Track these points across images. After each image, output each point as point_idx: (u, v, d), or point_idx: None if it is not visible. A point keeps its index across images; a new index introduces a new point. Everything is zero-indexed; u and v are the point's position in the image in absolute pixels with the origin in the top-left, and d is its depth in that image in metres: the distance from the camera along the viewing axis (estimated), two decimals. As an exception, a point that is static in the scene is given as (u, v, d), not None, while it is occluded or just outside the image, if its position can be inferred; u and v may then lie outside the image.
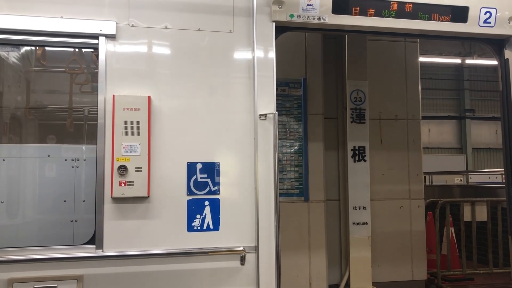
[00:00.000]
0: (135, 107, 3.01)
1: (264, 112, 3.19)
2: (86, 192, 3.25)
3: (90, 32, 3.05)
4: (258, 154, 3.16)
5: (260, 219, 3.11)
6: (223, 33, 3.25)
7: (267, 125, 3.19)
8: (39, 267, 2.85)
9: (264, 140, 3.18)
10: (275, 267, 3.09)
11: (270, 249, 3.10)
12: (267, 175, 3.15)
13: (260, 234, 3.10)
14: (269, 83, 3.23)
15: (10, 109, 4.01)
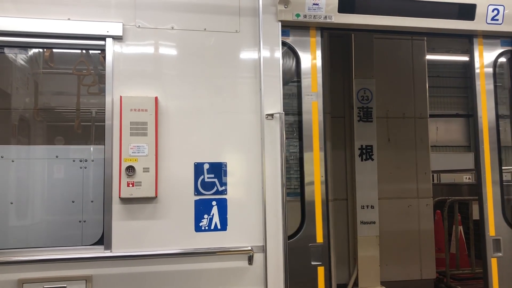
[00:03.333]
0: (142, 108, 3.02)
1: (270, 112, 3.19)
2: (95, 192, 3.27)
3: (97, 33, 3.07)
4: (265, 153, 3.16)
5: (267, 219, 3.11)
6: (229, 34, 3.25)
7: (273, 125, 3.19)
8: (48, 268, 2.87)
9: (271, 139, 3.18)
10: (283, 267, 3.08)
11: (278, 249, 3.10)
12: (274, 174, 3.15)
13: (268, 234, 3.10)
14: (276, 82, 3.23)
15: (18, 110, 4.05)
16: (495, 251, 3.42)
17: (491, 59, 3.66)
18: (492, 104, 3.58)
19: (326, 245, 3.24)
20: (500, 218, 3.48)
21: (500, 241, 3.43)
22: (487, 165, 3.49)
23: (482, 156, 3.50)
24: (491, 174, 3.50)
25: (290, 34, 3.39)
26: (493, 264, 3.41)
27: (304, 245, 3.23)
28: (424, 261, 5.74)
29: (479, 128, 3.54)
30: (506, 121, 3.89)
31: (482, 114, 3.55)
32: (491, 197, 3.47)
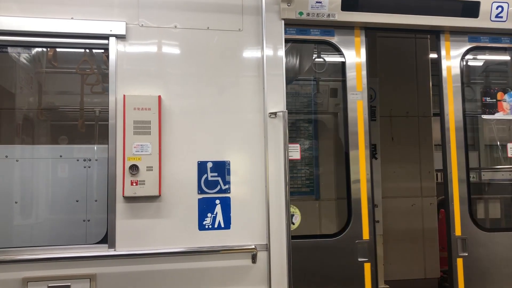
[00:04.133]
0: (145, 107, 3.03)
1: (274, 110, 3.19)
2: (98, 191, 3.27)
3: (100, 32, 3.08)
4: (268, 152, 3.16)
5: (271, 218, 3.11)
6: (232, 32, 3.25)
7: (277, 123, 3.19)
8: (53, 266, 2.88)
9: (274, 138, 3.17)
10: (286, 265, 3.08)
11: (282, 247, 3.09)
12: (278, 173, 3.15)
13: (271, 232, 3.10)
14: (279, 81, 3.23)
15: (22, 110, 4.06)
16: (461, 251, 3.39)
17: (458, 56, 3.61)
18: (459, 102, 3.54)
19: (372, 242, 3.28)
20: (467, 217, 3.44)
21: (466, 240, 3.40)
22: (454, 164, 3.46)
23: (448, 155, 3.46)
24: (458, 173, 3.46)
25: (335, 34, 3.43)
26: (459, 264, 3.38)
27: (351, 242, 3.26)
28: (428, 260, 5.72)
29: (446, 127, 3.50)
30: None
31: (449, 112, 3.51)
32: (458, 196, 3.44)
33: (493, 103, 3.70)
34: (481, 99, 3.72)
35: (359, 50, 3.46)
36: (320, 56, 3.89)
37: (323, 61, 3.87)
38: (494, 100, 3.70)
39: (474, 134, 4.73)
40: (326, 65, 3.85)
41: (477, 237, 3.41)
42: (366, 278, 3.26)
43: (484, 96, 3.70)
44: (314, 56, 3.94)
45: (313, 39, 3.47)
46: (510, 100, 3.69)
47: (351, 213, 3.32)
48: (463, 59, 3.61)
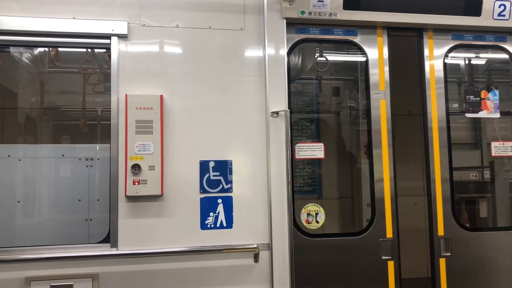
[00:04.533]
0: (147, 106, 3.03)
1: (276, 110, 3.18)
2: (101, 191, 3.28)
3: (102, 32, 3.08)
4: (270, 151, 3.15)
5: (273, 217, 3.11)
6: (234, 31, 3.25)
7: (279, 123, 3.18)
8: (55, 266, 2.88)
9: (276, 137, 3.17)
10: (289, 264, 3.08)
11: (284, 247, 3.09)
12: (280, 172, 3.14)
13: (274, 232, 3.10)
14: (281, 80, 3.22)
15: (25, 110, 4.07)
16: (444, 250, 3.38)
17: (442, 53, 3.59)
18: (442, 101, 3.52)
19: (395, 240, 3.29)
20: (450, 217, 3.42)
21: (449, 240, 3.38)
22: (437, 164, 3.44)
23: (431, 154, 3.44)
24: (441, 173, 3.44)
25: (357, 33, 3.45)
26: (442, 264, 3.37)
27: (374, 240, 3.27)
28: (431, 259, 5.71)
29: (428, 126, 3.48)
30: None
31: (432, 110, 3.50)
32: (440, 195, 3.42)
33: (477, 102, 3.68)
34: (465, 97, 3.70)
35: (381, 49, 3.48)
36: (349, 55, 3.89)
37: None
38: (478, 98, 3.69)
39: (476, 133, 4.71)
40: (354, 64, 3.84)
41: (461, 237, 3.40)
42: (389, 276, 3.28)
43: (468, 95, 3.69)
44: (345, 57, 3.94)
45: (336, 39, 3.48)
46: (494, 99, 3.67)
47: (374, 211, 3.33)
48: (446, 57, 3.59)
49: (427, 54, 3.54)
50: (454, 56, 3.73)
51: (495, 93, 3.67)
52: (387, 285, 3.27)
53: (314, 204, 3.30)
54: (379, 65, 3.47)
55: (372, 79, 3.45)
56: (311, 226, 3.27)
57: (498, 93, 3.67)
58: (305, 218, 3.26)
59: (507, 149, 3.63)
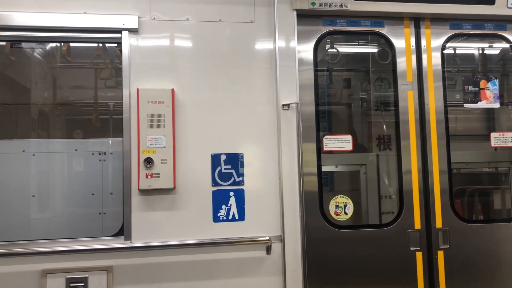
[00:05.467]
0: (159, 100, 3.04)
1: (286, 102, 3.18)
2: (114, 185, 3.31)
3: (113, 26, 3.09)
4: (281, 144, 3.15)
5: (285, 209, 3.12)
6: (244, 24, 3.24)
7: (290, 115, 3.18)
8: (70, 258, 2.92)
9: (287, 130, 3.17)
10: (301, 256, 3.09)
11: (296, 239, 3.10)
12: (291, 165, 3.14)
13: (286, 224, 3.11)
14: (292, 72, 3.21)
15: (37, 105, 4.11)
16: (442, 243, 3.35)
17: (439, 44, 3.53)
18: (440, 92, 3.47)
19: (424, 231, 3.28)
20: (448, 209, 3.38)
21: (447, 232, 3.35)
22: (434, 155, 3.40)
23: (429, 146, 3.40)
24: (438, 164, 3.40)
25: (384, 25, 3.43)
26: (440, 256, 3.34)
27: (403, 231, 3.27)
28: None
29: (426, 118, 3.43)
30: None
31: (430, 101, 3.46)
32: (438, 187, 3.38)
33: (476, 92, 3.63)
34: (463, 87, 3.65)
35: (408, 41, 3.45)
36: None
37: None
38: (477, 88, 3.64)
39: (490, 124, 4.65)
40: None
41: (459, 229, 3.36)
42: (418, 267, 3.27)
43: (467, 85, 3.64)
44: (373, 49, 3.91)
45: (363, 31, 3.46)
46: (493, 88, 3.62)
47: (402, 203, 3.32)
48: (444, 46, 3.55)
49: (424, 44, 3.49)
50: (452, 46, 3.69)
51: (494, 82, 3.63)
52: (415, 276, 3.26)
53: (342, 196, 3.30)
54: (406, 57, 3.44)
55: (399, 71, 3.43)
56: (339, 217, 3.27)
57: (497, 83, 3.63)
58: (334, 210, 3.27)
59: (507, 140, 3.59)
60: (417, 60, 3.46)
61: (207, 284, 3.05)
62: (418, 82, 3.44)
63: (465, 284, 3.33)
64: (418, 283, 3.26)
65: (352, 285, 3.23)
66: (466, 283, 3.33)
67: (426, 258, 3.30)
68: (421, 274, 3.27)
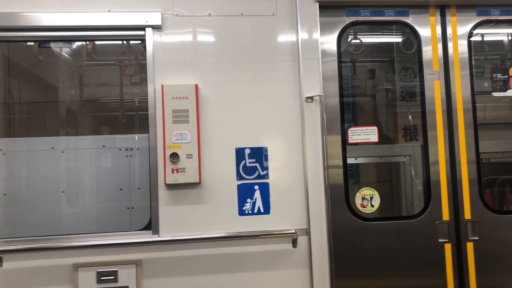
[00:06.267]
0: (183, 96, 3.07)
1: (310, 95, 3.16)
2: (141, 180, 3.36)
3: (136, 24, 3.12)
4: (305, 137, 3.14)
5: (310, 202, 3.11)
6: (266, 17, 3.23)
7: (314, 108, 3.16)
8: (100, 252, 2.99)
9: (311, 123, 3.15)
10: (327, 249, 3.08)
11: (322, 232, 3.09)
12: (316, 157, 3.13)
13: (311, 217, 3.10)
14: (315, 64, 3.19)
15: (65, 103, 4.20)
16: (471, 234, 3.27)
17: (466, 31, 3.43)
18: (467, 80, 3.38)
19: (452, 223, 3.25)
20: (477, 199, 3.29)
21: (477, 224, 3.26)
22: (462, 145, 3.31)
23: (456, 136, 3.31)
24: (466, 154, 3.31)
25: (409, 14, 3.38)
26: (469, 248, 3.26)
27: (431, 223, 3.24)
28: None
29: (453, 107, 3.34)
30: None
31: (457, 90, 3.36)
32: (466, 177, 3.29)
33: (505, 79, 3.52)
34: (492, 75, 3.54)
35: (434, 30, 3.38)
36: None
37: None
38: (506, 76, 3.53)
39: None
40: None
41: (489, 220, 3.28)
42: (447, 259, 3.23)
43: (495, 73, 3.53)
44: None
45: (387, 20, 3.41)
46: None
47: (430, 194, 3.28)
48: (471, 34, 3.44)
49: (450, 32, 3.41)
50: (480, 33, 3.59)
51: None
52: (444, 268, 3.23)
53: (368, 188, 3.28)
54: (432, 45, 3.38)
55: (425, 60, 3.36)
56: (366, 210, 3.25)
57: None
58: (360, 202, 3.25)
59: None
60: (443, 49, 3.39)
61: (234, 277, 3.08)
62: (444, 71, 3.37)
63: (496, 276, 3.27)
64: (447, 275, 3.22)
65: (380, 277, 3.21)
66: (496, 275, 3.27)
67: (455, 249, 3.24)
68: (450, 266, 3.23)
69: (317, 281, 3.08)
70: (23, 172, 3.44)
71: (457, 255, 3.25)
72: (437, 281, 3.22)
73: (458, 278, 3.24)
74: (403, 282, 3.22)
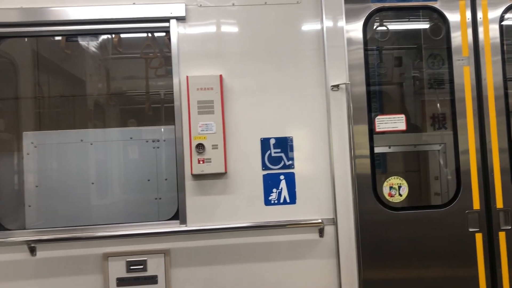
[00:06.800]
0: (208, 87, 3.08)
1: (336, 83, 3.12)
2: (168, 170, 3.40)
3: (161, 15, 3.14)
4: (331, 126, 3.11)
5: (337, 192, 3.09)
6: (290, 5, 3.20)
7: (340, 96, 3.13)
8: (130, 242, 3.04)
9: (337, 111, 3.12)
10: (355, 239, 3.06)
11: (349, 221, 3.07)
12: (343, 146, 3.10)
13: (338, 207, 3.08)
14: (340, 52, 3.15)
15: (93, 96, 4.27)
16: (503, 224, 3.16)
17: (497, 15, 3.29)
18: (498, 66, 3.25)
19: (483, 212, 3.19)
20: (510, 188, 3.18)
21: (509, 213, 3.15)
22: (493, 133, 3.20)
23: (487, 123, 3.20)
24: (498, 142, 3.20)
25: None
26: (501, 238, 3.16)
27: (460, 212, 3.19)
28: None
29: (484, 94, 3.22)
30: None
31: (487, 77, 3.24)
32: (498, 166, 3.18)
33: None
34: None
35: (464, 15, 3.29)
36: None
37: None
38: None
39: None
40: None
41: None
42: (478, 248, 3.17)
43: None
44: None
45: (415, 5, 3.34)
46: None
47: (460, 183, 3.22)
48: (503, 18, 3.31)
49: (480, 16, 3.30)
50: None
51: None
52: (475, 258, 3.16)
53: (396, 177, 3.23)
54: (461, 31, 3.29)
55: (454, 46, 3.28)
56: (394, 199, 3.21)
57: None
58: (388, 192, 3.21)
59: None
60: (473, 34, 3.29)
61: (262, 266, 3.09)
62: (474, 57, 3.28)
63: (530, 267, 3.19)
64: (478, 265, 3.16)
65: (408, 268, 3.16)
66: (530, 265, 3.19)
67: (487, 239, 3.17)
68: (481, 256, 3.16)
69: (345, 271, 3.06)
70: (53, 164, 3.52)
71: (489, 244, 3.18)
72: (467, 272, 3.16)
73: (490, 268, 3.17)
74: (432, 272, 3.16)
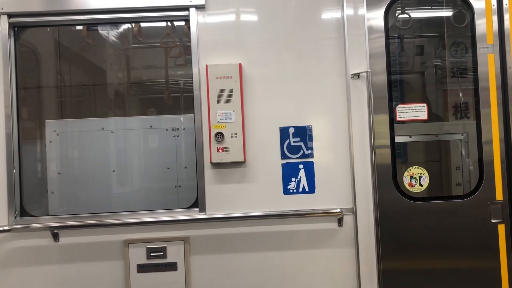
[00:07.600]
0: (227, 76, 3.08)
1: (356, 71, 3.09)
2: (187, 159, 3.43)
3: (180, 4, 3.15)
4: (351, 115, 3.09)
5: (356, 182, 3.07)
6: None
7: (360, 85, 3.09)
8: (150, 229, 3.09)
9: (357, 100, 3.09)
10: (374, 229, 3.04)
11: (369, 211, 3.05)
12: (363, 136, 3.07)
13: (357, 196, 3.07)
14: (361, 41, 3.11)
15: (113, 85, 4.32)
16: None
17: None
18: None
19: (506, 203, 3.15)
20: None
21: None
22: None
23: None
24: None
25: None
26: None
27: (483, 203, 3.15)
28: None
29: (509, 83, 3.12)
30: None
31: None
32: None
33: None
34: None
35: (489, 1, 3.20)
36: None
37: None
38: None
39: None
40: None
41: None
42: (500, 240, 3.12)
43: None
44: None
45: None
46: None
47: (482, 173, 3.16)
48: None
49: (506, 3, 3.20)
50: None
51: None
52: (497, 249, 3.11)
53: (417, 167, 3.19)
54: (486, 18, 3.20)
55: (478, 34, 3.19)
56: (414, 189, 3.17)
57: None
58: (408, 181, 3.18)
59: None
60: (499, 21, 3.20)
61: (280, 255, 3.10)
62: (499, 45, 3.20)
63: (554, 259, 3.13)
64: (501, 256, 3.11)
65: (428, 258, 3.13)
66: (554, 257, 3.13)
67: (510, 230, 3.12)
68: (504, 247, 3.11)
69: (364, 260, 3.06)
70: (75, 152, 3.58)
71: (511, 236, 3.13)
72: (489, 263, 3.11)
73: None
74: (452, 263, 3.13)
